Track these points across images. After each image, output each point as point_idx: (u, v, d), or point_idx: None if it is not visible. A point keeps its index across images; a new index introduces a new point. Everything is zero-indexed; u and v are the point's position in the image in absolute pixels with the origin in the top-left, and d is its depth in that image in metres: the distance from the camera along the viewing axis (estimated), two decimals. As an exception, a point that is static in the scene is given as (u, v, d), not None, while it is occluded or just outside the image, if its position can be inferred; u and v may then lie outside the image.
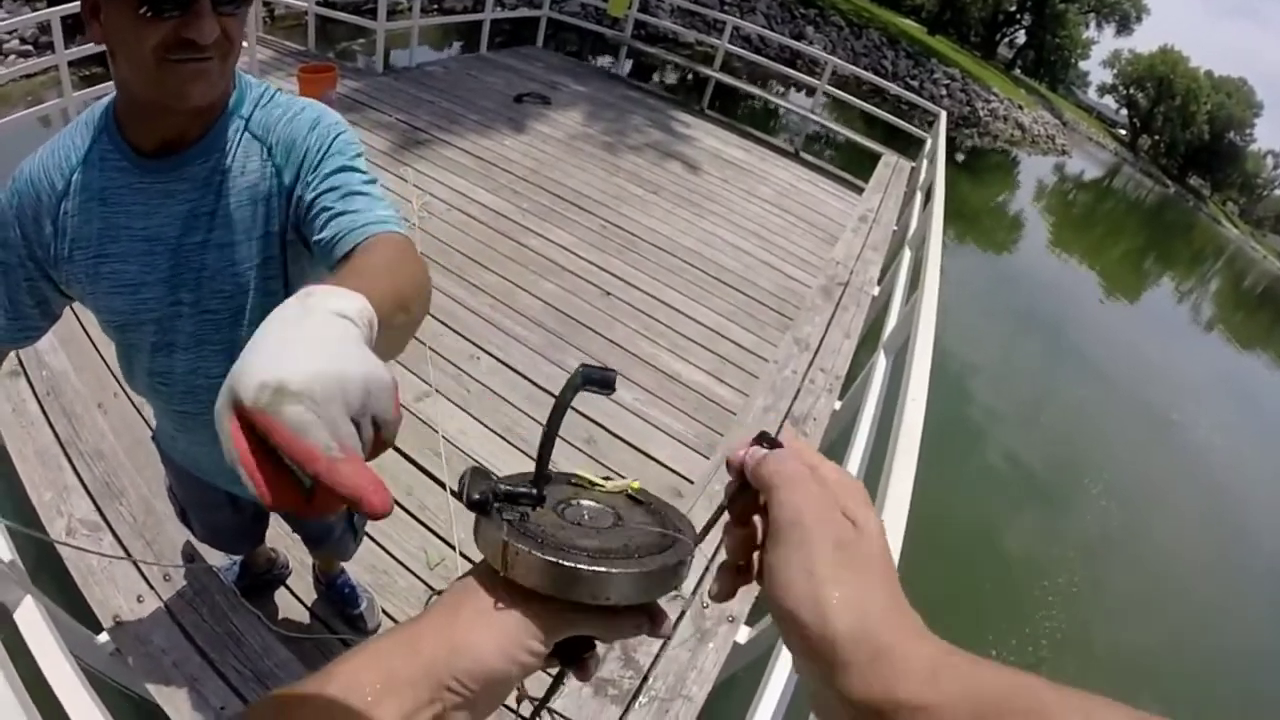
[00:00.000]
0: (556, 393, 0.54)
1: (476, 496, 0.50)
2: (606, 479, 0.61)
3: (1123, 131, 66.72)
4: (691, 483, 3.48)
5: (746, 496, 0.52)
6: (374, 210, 1.13)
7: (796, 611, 0.42)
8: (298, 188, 1.19)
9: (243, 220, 1.20)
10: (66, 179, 1.17)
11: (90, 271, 1.20)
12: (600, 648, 0.53)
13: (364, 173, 1.22)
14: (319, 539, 2.13)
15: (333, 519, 2.03)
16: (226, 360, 1.23)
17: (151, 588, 2.44)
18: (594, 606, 0.48)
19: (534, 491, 0.54)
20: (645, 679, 2.54)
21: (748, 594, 2.90)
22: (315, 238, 1.14)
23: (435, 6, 13.29)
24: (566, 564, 0.47)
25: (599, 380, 0.54)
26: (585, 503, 0.58)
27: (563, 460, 3.45)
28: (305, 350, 0.48)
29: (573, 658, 0.51)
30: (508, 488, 0.53)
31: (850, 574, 0.43)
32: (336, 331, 0.53)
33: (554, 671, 0.53)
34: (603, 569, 0.47)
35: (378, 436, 0.51)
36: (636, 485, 0.61)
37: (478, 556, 0.52)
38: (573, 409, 0.52)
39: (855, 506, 0.47)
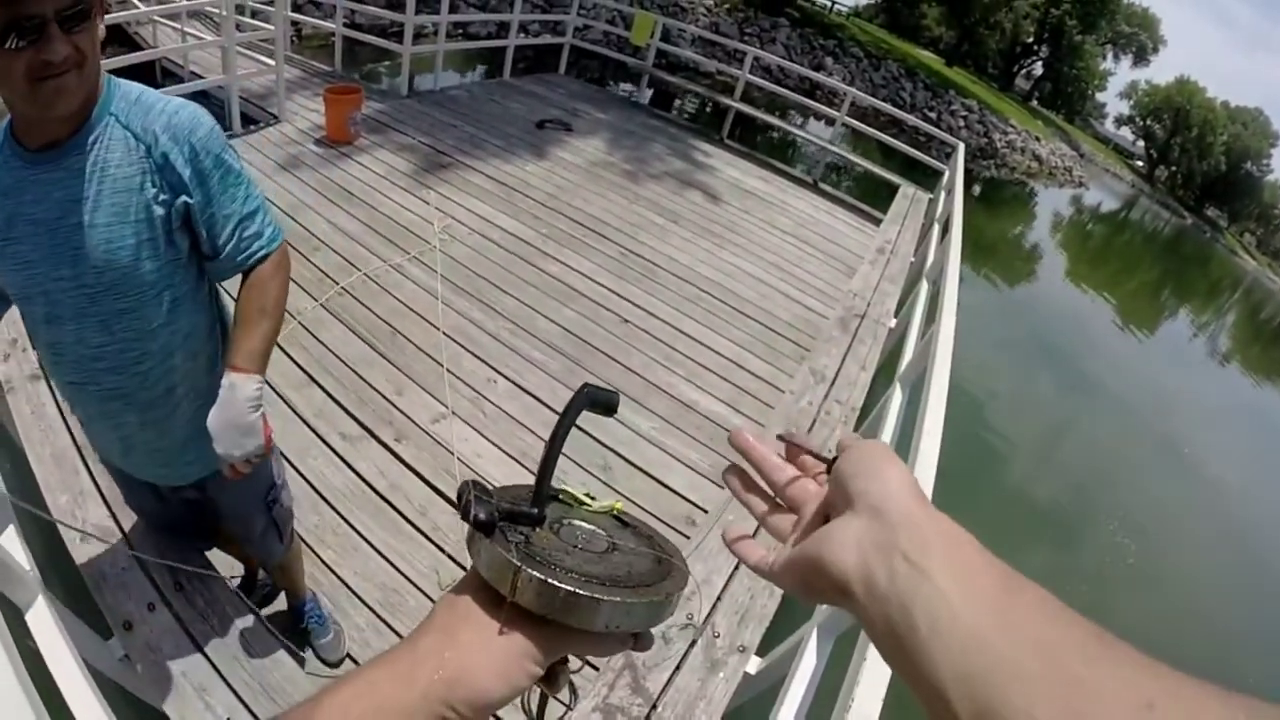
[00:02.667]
0: (576, 420, 0.55)
1: (483, 516, 0.50)
2: (589, 496, 0.62)
3: (1139, 163, 66.52)
4: (706, 511, 3.48)
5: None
6: (262, 227, 1.58)
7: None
8: (191, 193, 1.44)
9: (117, 205, 1.38)
10: None
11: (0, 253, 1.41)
12: (600, 663, 0.54)
13: (244, 181, 1.54)
14: (244, 536, 2.14)
15: (253, 511, 2.05)
16: (104, 332, 1.45)
17: (162, 596, 2.45)
18: (585, 631, 0.48)
19: (535, 511, 0.54)
20: (654, 706, 2.53)
21: (759, 625, 2.90)
22: (217, 245, 1.52)
23: (460, 32, 13.45)
24: (583, 594, 0.46)
25: (603, 402, 0.55)
26: (577, 523, 0.58)
27: (578, 487, 3.46)
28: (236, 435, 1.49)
29: (546, 673, 0.51)
30: (509, 506, 0.53)
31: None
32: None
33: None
34: (619, 599, 0.47)
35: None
36: (619, 506, 0.62)
37: None
38: (588, 434, 0.54)
39: None
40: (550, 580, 0.46)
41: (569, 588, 0.46)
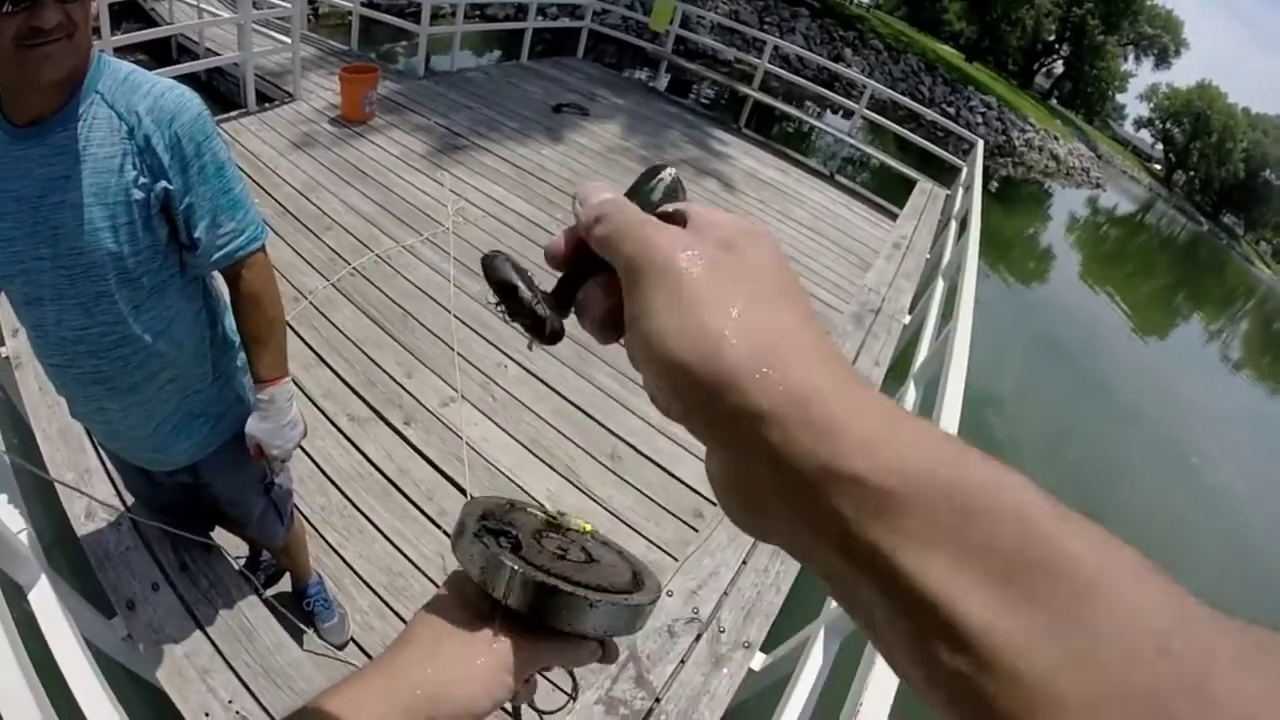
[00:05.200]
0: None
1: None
2: (560, 514, 0.63)
3: (1157, 166, 66.03)
4: (714, 504, 3.46)
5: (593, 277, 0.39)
6: (243, 224, 1.54)
7: (680, 356, 0.30)
8: (171, 179, 1.40)
9: (97, 185, 1.35)
10: None
11: None
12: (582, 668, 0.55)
13: (228, 173, 1.50)
14: (242, 519, 2.12)
15: (250, 494, 2.04)
16: (84, 314, 1.42)
17: (166, 576, 2.45)
18: (565, 639, 0.50)
19: (514, 531, 0.55)
20: (657, 700, 2.52)
21: (764, 622, 2.88)
22: (194, 236, 1.48)
23: (478, 13, 13.41)
24: (579, 595, 0.48)
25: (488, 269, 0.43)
26: (555, 536, 0.59)
27: (586, 475, 3.45)
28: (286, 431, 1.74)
29: None
30: (502, 513, 0.56)
31: (736, 290, 0.32)
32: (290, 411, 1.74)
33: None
34: (609, 602, 0.49)
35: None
36: (590, 528, 0.64)
37: None
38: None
39: (732, 236, 0.35)
40: (551, 582, 0.47)
41: (568, 589, 0.47)
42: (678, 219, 0.37)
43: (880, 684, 1.69)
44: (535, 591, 0.47)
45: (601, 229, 0.36)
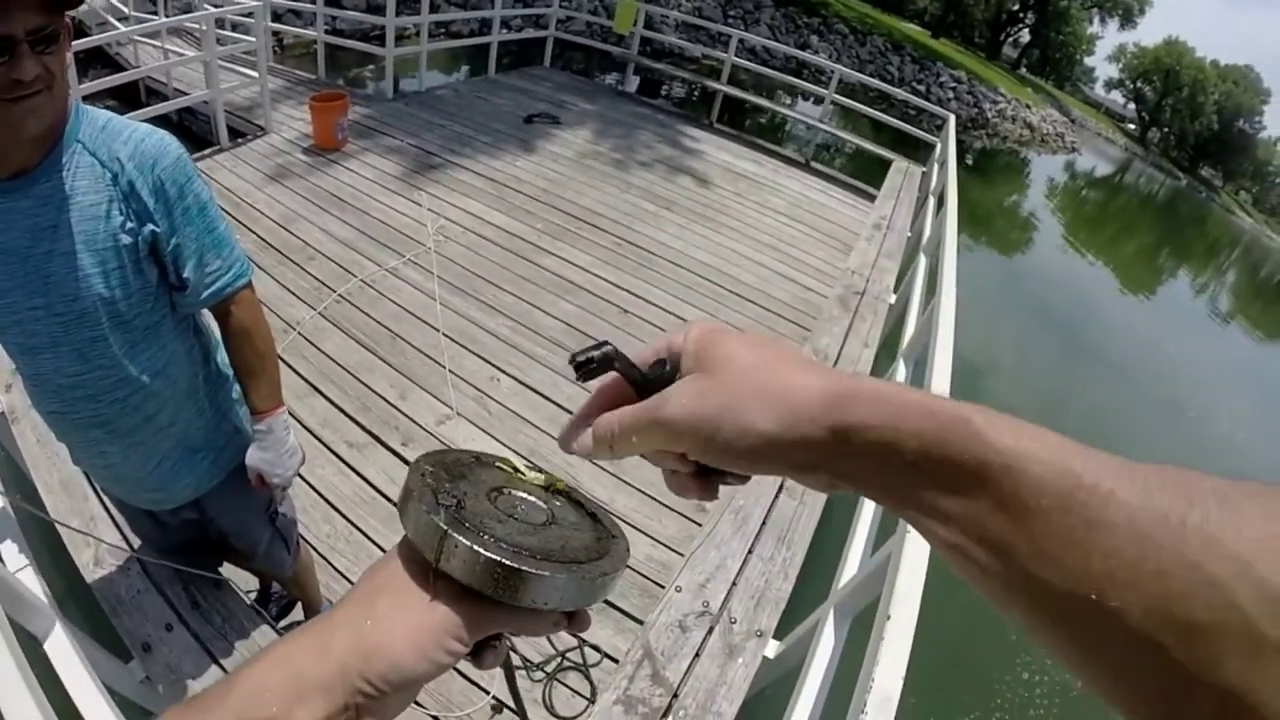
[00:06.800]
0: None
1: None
2: (532, 469, 0.60)
3: (1132, 126, 66.32)
4: (716, 498, 3.46)
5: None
6: (229, 261, 1.57)
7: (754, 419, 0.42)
8: (157, 222, 1.42)
9: (84, 233, 1.37)
10: None
11: None
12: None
13: (211, 213, 1.53)
14: (249, 551, 2.13)
15: (255, 525, 2.06)
16: (80, 360, 1.44)
17: (180, 616, 2.45)
18: (513, 606, 0.46)
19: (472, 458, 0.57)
20: (675, 695, 2.53)
21: (775, 609, 2.90)
22: (182, 276, 1.50)
23: (442, 31, 13.40)
24: (510, 564, 0.44)
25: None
26: (517, 493, 0.56)
27: (586, 479, 3.46)
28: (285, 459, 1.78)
29: (475, 648, 0.48)
30: (461, 468, 0.54)
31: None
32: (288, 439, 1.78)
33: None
34: (546, 573, 0.45)
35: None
36: (563, 484, 0.60)
37: None
38: None
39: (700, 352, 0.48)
40: (477, 548, 0.44)
41: (496, 557, 0.44)
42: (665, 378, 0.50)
43: (892, 658, 1.71)
44: (465, 558, 0.44)
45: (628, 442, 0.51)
